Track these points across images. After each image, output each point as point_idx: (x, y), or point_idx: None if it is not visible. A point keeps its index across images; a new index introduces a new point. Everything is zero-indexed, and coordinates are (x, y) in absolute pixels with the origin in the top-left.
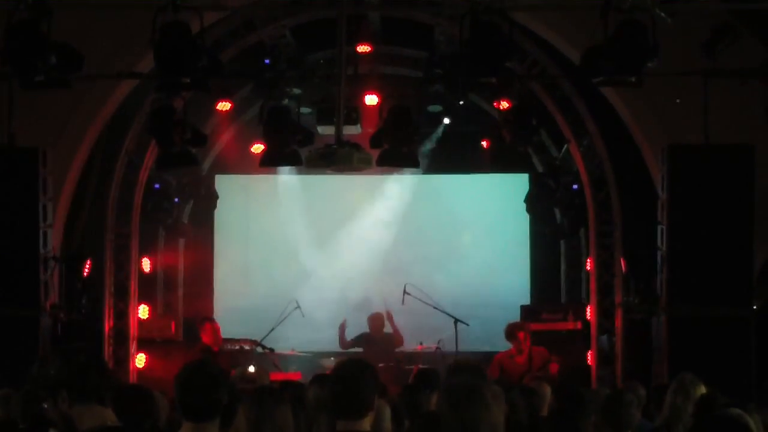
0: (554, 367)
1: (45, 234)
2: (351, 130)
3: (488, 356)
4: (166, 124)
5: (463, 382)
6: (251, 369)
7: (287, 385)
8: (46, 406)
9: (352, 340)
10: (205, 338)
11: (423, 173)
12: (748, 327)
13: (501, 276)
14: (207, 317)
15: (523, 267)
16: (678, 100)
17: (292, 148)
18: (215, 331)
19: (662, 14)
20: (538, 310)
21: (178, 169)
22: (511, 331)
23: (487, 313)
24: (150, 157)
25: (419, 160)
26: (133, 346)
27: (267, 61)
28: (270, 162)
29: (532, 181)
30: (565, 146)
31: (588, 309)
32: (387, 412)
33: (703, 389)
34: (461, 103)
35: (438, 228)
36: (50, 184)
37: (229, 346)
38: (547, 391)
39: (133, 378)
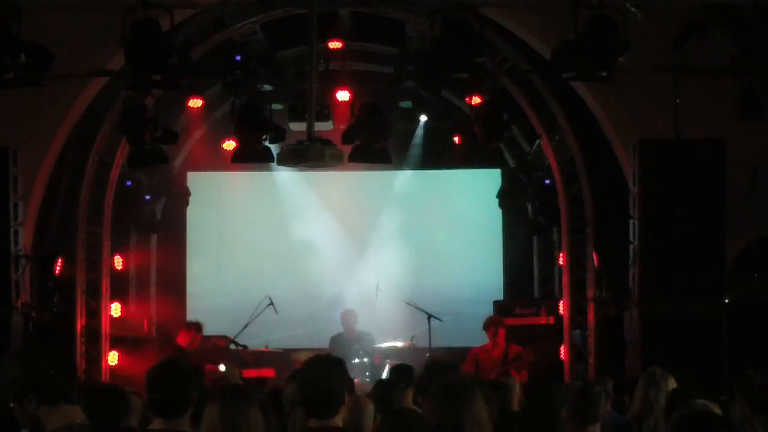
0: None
1: (16, 233)
2: (323, 127)
3: (461, 352)
4: (137, 122)
5: (457, 379)
6: (222, 368)
7: (261, 382)
8: (12, 405)
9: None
10: (181, 340)
11: (395, 169)
12: (720, 321)
13: (474, 271)
14: (196, 323)
15: (496, 262)
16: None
17: (264, 145)
18: (195, 338)
19: (633, 9)
20: (511, 305)
21: (149, 167)
22: (486, 325)
23: (461, 308)
24: (121, 155)
25: (391, 156)
26: (105, 344)
27: (238, 57)
28: (242, 159)
29: (504, 177)
30: (537, 141)
31: (561, 304)
32: (370, 409)
33: (673, 382)
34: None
35: (411, 224)
36: (21, 183)
37: (201, 345)
38: (517, 386)
39: (105, 376)
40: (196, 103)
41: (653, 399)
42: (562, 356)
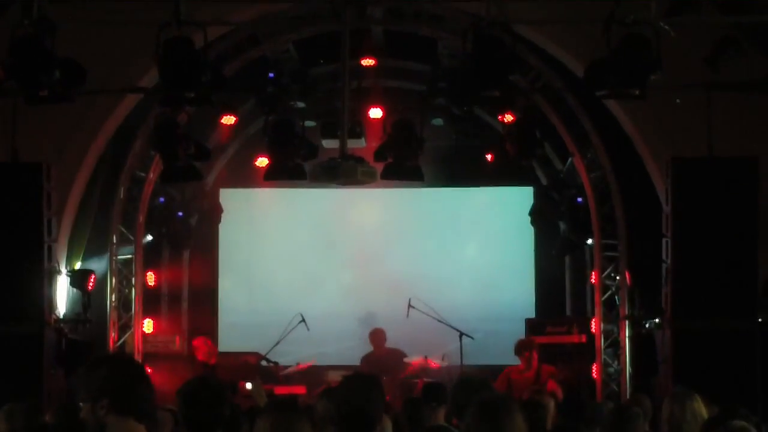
0: (551, 385)
1: (50, 248)
2: (355, 144)
3: (493, 369)
4: (170, 139)
5: (495, 396)
6: (248, 385)
7: (293, 398)
8: (83, 406)
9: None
10: (200, 356)
11: (427, 186)
12: (753, 339)
13: (506, 289)
14: (194, 337)
15: (527, 280)
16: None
17: (297, 162)
18: (206, 344)
19: (665, 27)
20: (543, 323)
21: (182, 183)
22: (519, 349)
23: (492, 326)
24: (154, 172)
25: (423, 174)
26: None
27: (271, 74)
28: (274, 176)
29: (536, 194)
30: (569, 159)
31: (593, 322)
32: (388, 426)
33: (699, 401)
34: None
35: (442, 241)
36: (54, 199)
37: (231, 360)
38: (551, 404)
39: None
40: (229, 120)
41: (681, 418)
42: (594, 375)
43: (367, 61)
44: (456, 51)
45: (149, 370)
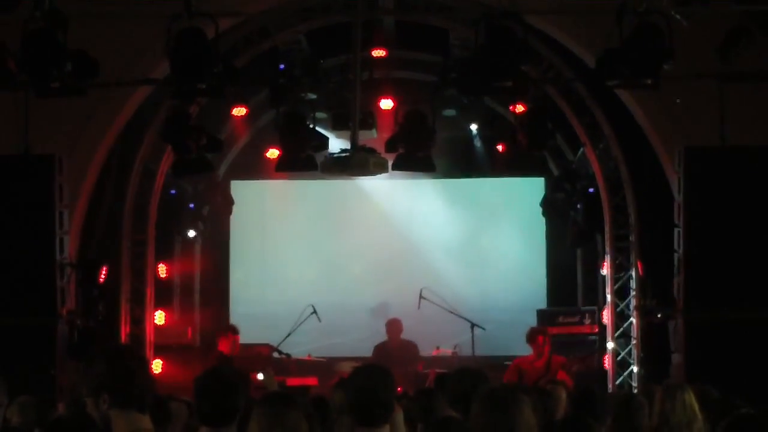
0: (561, 375)
1: (61, 240)
2: (366, 135)
3: (505, 360)
4: (181, 131)
5: (502, 386)
6: (260, 376)
7: (304, 390)
8: (87, 401)
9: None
10: (222, 346)
11: (438, 177)
12: (765, 330)
13: (517, 280)
14: (231, 326)
15: (539, 271)
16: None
17: (308, 153)
18: (235, 342)
19: (677, 17)
20: (555, 313)
21: (193, 175)
22: (532, 335)
23: (504, 317)
24: (166, 164)
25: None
26: (149, 352)
27: (282, 66)
28: (285, 167)
29: (548, 185)
30: (581, 150)
31: (604, 312)
32: (400, 416)
33: (691, 394)
34: (465, 102)
35: (454, 232)
36: (66, 191)
37: (245, 353)
38: (563, 394)
39: None
40: (240, 111)
41: (670, 412)
42: (605, 365)
43: (378, 52)
44: (467, 42)
45: (161, 363)
